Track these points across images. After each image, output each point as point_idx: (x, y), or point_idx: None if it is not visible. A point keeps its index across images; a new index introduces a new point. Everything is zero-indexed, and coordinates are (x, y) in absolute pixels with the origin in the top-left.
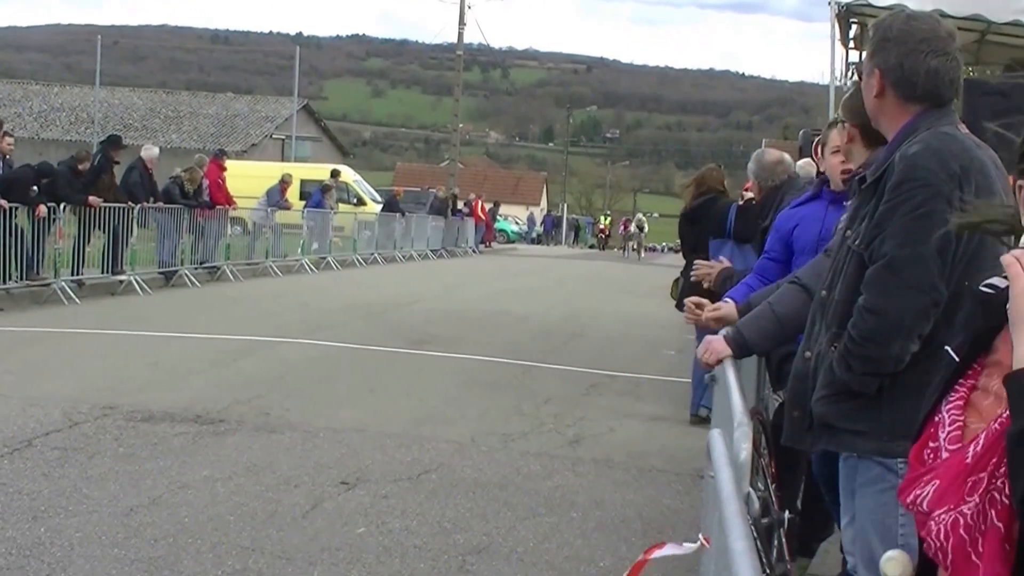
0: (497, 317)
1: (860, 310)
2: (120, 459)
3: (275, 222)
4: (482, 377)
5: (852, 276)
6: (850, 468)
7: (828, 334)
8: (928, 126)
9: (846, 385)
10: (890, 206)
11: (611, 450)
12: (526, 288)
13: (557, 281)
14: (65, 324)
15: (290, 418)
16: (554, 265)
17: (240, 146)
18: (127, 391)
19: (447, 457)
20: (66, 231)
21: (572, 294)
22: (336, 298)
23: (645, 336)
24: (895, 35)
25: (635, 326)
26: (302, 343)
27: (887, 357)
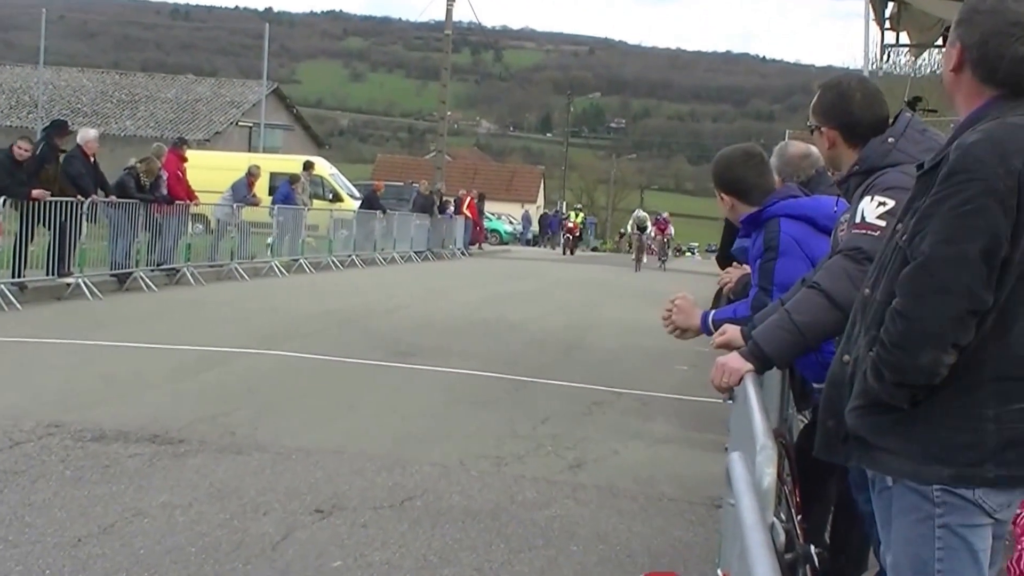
0: (489, 326)
1: (891, 313)
2: (67, 483)
3: (241, 219)
4: (472, 393)
5: (896, 275)
6: (885, 498)
7: (867, 337)
8: (997, 115)
9: (879, 396)
10: (936, 199)
11: (616, 475)
12: (521, 294)
13: (555, 286)
14: (4, 332)
15: (258, 438)
16: (552, 269)
17: (202, 134)
18: (75, 407)
19: (433, 482)
20: (6, 228)
21: (572, 301)
22: (309, 304)
23: (654, 348)
24: (986, 10)
25: (643, 337)
26: (271, 354)
27: (916, 367)
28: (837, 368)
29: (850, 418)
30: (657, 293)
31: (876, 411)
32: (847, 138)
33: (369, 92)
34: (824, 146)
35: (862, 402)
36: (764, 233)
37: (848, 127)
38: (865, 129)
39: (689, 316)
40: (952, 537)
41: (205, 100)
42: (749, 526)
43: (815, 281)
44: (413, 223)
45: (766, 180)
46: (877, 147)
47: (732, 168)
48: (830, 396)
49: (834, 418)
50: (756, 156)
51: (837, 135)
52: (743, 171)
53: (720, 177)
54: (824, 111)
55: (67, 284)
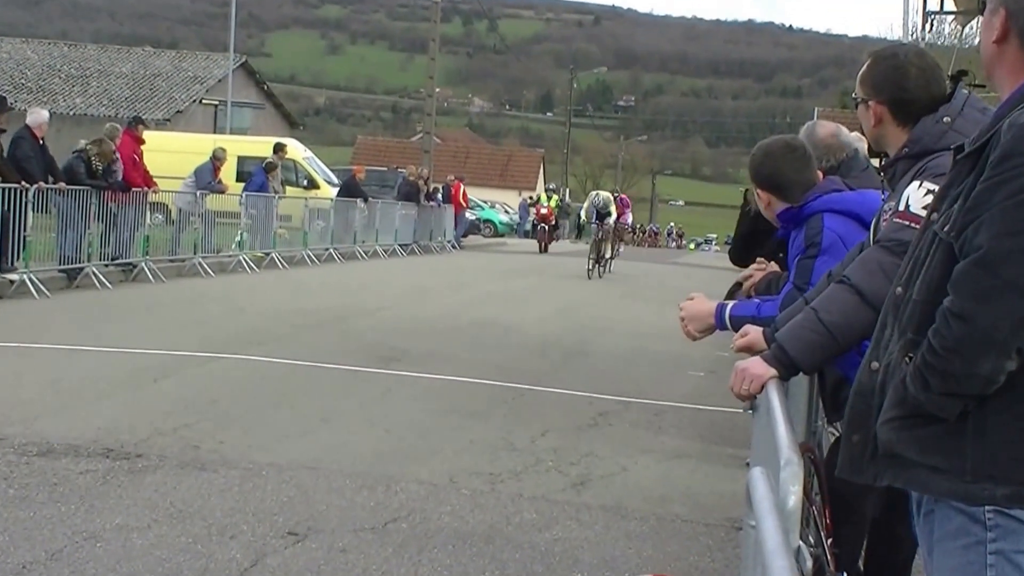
0: (482, 328)
1: (945, 315)
2: (10, 503)
3: (206, 209)
4: (463, 403)
5: (937, 271)
6: (928, 522)
7: (902, 341)
8: None
9: (921, 407)
10: (989, 185)
11: (624, 494)
12: (518, 292)
13: (556, 284)
14: None
15: (225, 452)
16: (552, 264)
17: (161, 113)
18: (19, 418)
19: (420, 502)
20: None
21: (575, 300)
22: (282, 303)
23: (667, 353)
24: None
25: (654, 340)
26: (239, 359)
27: (974, 375)
28: (865, 376)
29: (883, 432)
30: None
31: (916, 423)
32: (896, 115)
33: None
34: (869, 122)
35: (899, 413)
36: (806, 230)
37: (899, 103)
38: (918, 107)
39: (702, 318)
40: (1006, 565)
41: (164, 75)
42: (772, 551)
43: (845, 275)
44: (398, 213)
45: (808, 175)
46: (930, 127)
47: (772, 161)
48: (857, 408)
49: (861, 432)
50: (799, 149)
51: (886, 111)
52: (784, 165)
53: (758, 171)
54: (874, 83)
55: (10, 281)
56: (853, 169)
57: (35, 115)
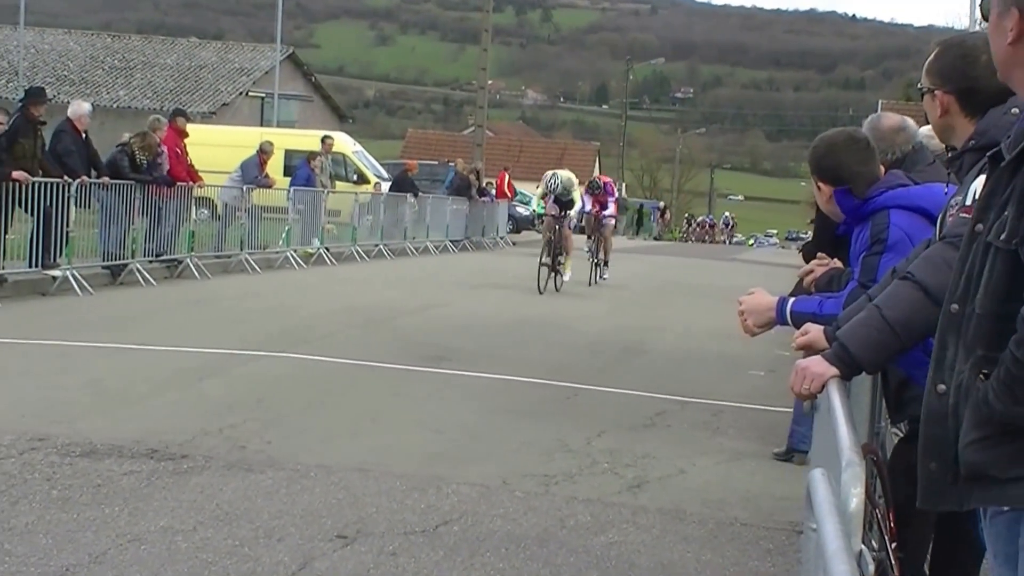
0: (536, 326)
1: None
2: (53, 505)
3: (252, 204)
4: (516, 403)
5: (1001, 281)
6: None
7: (972, 359)
8: None
9: (1010, 423)
10: None
11: (681, 497)
12: (572, 289)
13: (612, 280)
14: None
15: (272, 453)
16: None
17: (207, 106)
18: (62, 418)
19: (472, 504)
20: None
21: (632, 298)
22: (330, 301)
23: (726, 352)
24: None
25: (713, 339)
26: (286, 357)
27: None
28: (933, 400)
29: (968, 454)
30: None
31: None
32: (964, 106)
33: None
34: (935, 112)
35: (984, 433)
36: (871, 226)
37: (967, 93)
38: (986, 98)
39: (761, 312)
40: None
41: (210, 67)
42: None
43: (909, 272)
44: (449, 208)
45: (872, 168)
46: (998, 119)
47: (834, 154)
48: (931, 434)
49: (938, 459)
50: (862, 141)
51: (953, 101)
52: (847, 157)
53: (819, 164)
54: (941, 72)
55: (53, 278)
56: (918, 163)
57: (76, 107)
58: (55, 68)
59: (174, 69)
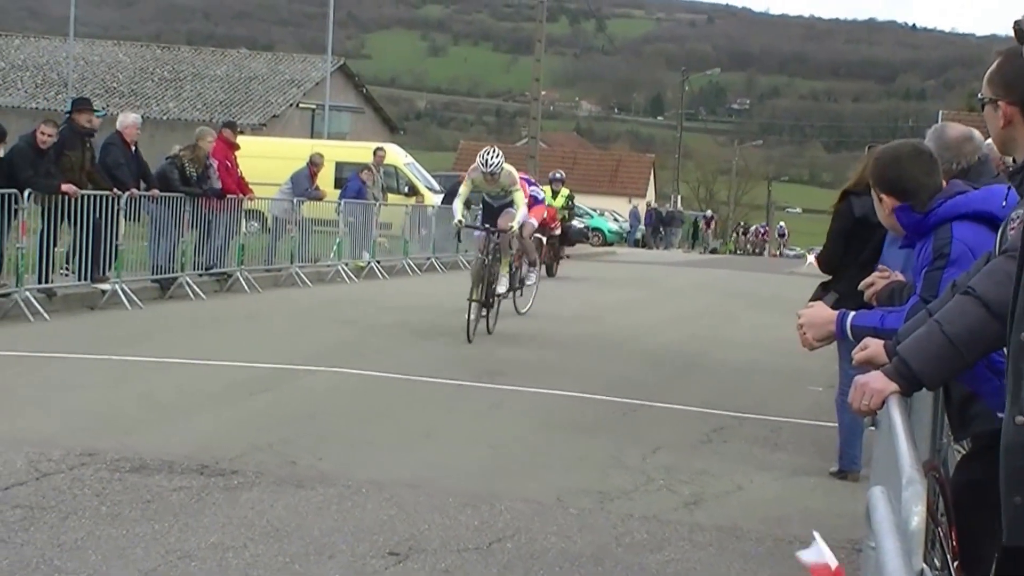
0: (591, 340)
1: None
2: (102, 520)
3: (303, 216)
4: (572, 418)
5: None
6: None
7: None
8: None
9: None
10: None
11: (739, 514)
12: (629, 303)
13: (669, 294)
14: (30, 346)
15: (323, 468)
16: (665, 274)
17: (257, 118)
18: (111, 433)
19: (526, 521)
20: (30, 226)
21: (689, 311)
22: (381, 314)
23: (785, 367)
24: None
25: (772, 354)
26: (338, 372)
27: None
28: (1011, 433)
29: None
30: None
31: None
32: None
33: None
34: (997, 124)
35: None
36: (933, 240)
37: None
38: None
39: (821, 326)
40: None
41: (260, 78)
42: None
43: (970, 286)
44: None
45: (935, 180)
46: None
47: (899, 165)
48: (1012, 467)
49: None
50: (925, 153)
51: (1017, 112)
52: (911, 169)
53: (883, 175)
54: (1004, 82)
55: (102, 291)
56: (983, 175)
57: (124, 118)
58: (105, 80)
59: (224, 80)
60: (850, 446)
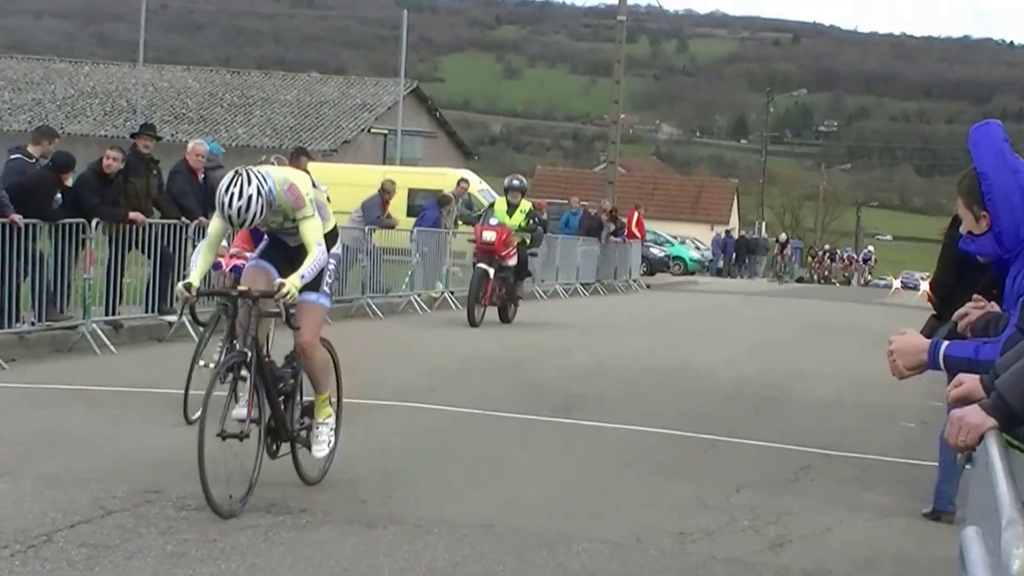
0: (670, 374)
1: None
2: (168, 560)
3: (374, 245)
4: (649, 454)
5: None
6: None
7: None
8: None
9: None
10: None
11: (828, 557)
12: (710, 335)
13: (752, 326)
14: (96, 379)
15: (393, 508)
16: (747, 304)
17: (328, 143)
18: (177, 470)
19: (604, 562)
20: (98, 256)
21: (773, 343)
22: (454, 347)
23: (874, 402)
24: None
25: (860, 388)
26: (408, 407)
27: None
28: None
29: None
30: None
31: None
32: None
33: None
34: None
35: None
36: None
37: None
38: None
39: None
40: None
41: (331, 103)
42: None
43: None
44: (579, 249)
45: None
46: None
47: None
48: None
49: None
50: None
51: None
52: None
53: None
54: None
55: (168, 324)
56: None
57: (193, 146)
58: (173, 106)
59: (294, 105)
60: (947, 485)
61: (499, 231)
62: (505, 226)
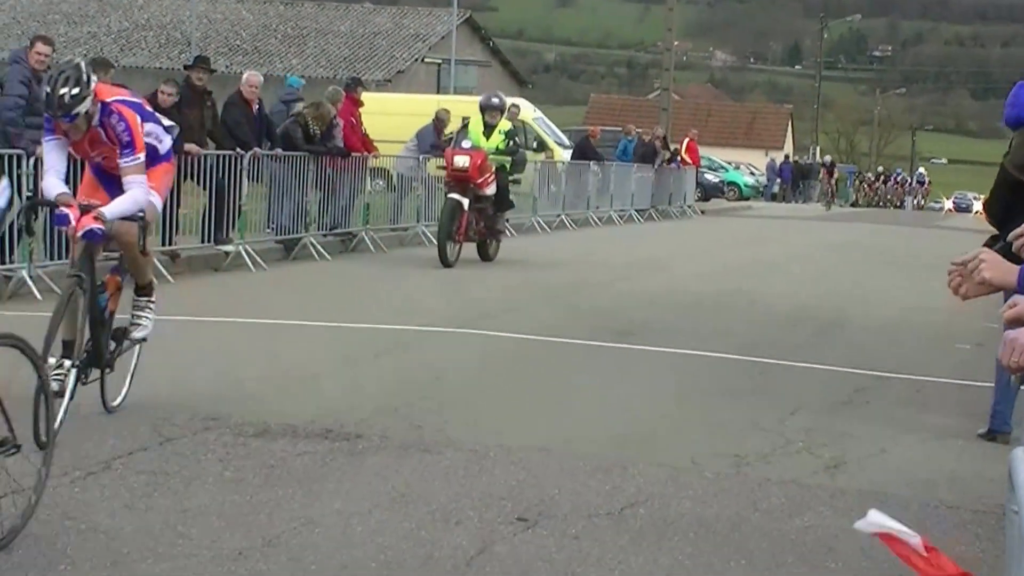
0: (727, 299)
1: None
2: (226, 486)
3: (428, 174)
4: (706, 379)
5: None
6: None
7: None
8: None
9: None
10: None
11: (883, 478)
12: (765, 261)
13: (808, 251)
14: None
15: (449, 433)
16: (803, 229)
17: (382, 74)
18: (235, 398)
19: (659, 486)
20: None
21: (828, 268)
22: (510, 274)
23: (930, 325)
24: None
25: (916, 311)
26: (464, 333)
27: None
28: None
29: None
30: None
31: None
32: None
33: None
34: None
35: None
36: None
37: None
38: None
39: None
40: None
41: (385, 33)
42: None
43: None
44: (634, 176)
45: None
46: None
47: None
48: None
49: None
50: None
51: None
52: None
53: None
54: None
55: (225, 253)
56: None
57: (248, 78)
58: (227, 38)
59: (348, 36)
60: (1003, 405)
61: (473, 155)
62: (480, 149)
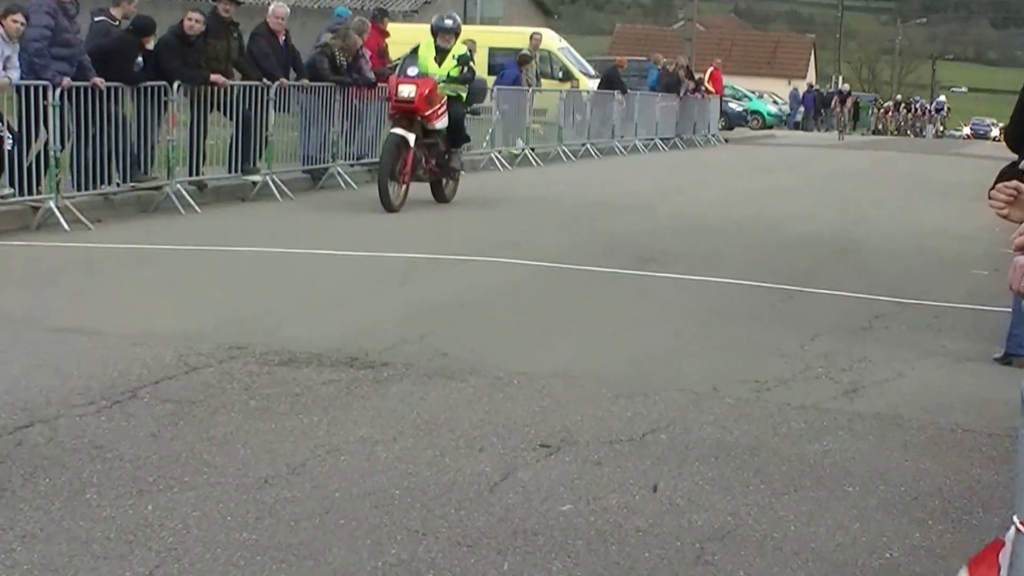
0: (748, 226)
1: None
2: (251, 415)
3: None
4: (727, 305)
5: None
6: None
7: None
8: None
9: None
10: None
11: (900, 402)
12: (786, 188)
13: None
14: (180, 239)
15: (473, 360)
16: (823, 157)
17: (409, 4)
18: (260, 326)
19: (680, 411)
20: (180, 118)
21: (849, 195)
22: (535, 203)
23: (947, 251)
24: None
25: (934, 238)
26: (489, 261)
27: None
28: None
29: None
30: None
31: None
32: None
33: None
34: None
35: None
36: None
37: None
38: None
39: None
40: None
41: None
42: None
43: None
44: (658, 105)
45: None
46: None
47: None
48: None
49: None
50: None
51: None
52: None
53: None
54: None
55: (252, 183)
56: None
57: (275, 8)
58: None
59: None
60: (1019, 329)
61: (420, 84)
62: (429, 77)
